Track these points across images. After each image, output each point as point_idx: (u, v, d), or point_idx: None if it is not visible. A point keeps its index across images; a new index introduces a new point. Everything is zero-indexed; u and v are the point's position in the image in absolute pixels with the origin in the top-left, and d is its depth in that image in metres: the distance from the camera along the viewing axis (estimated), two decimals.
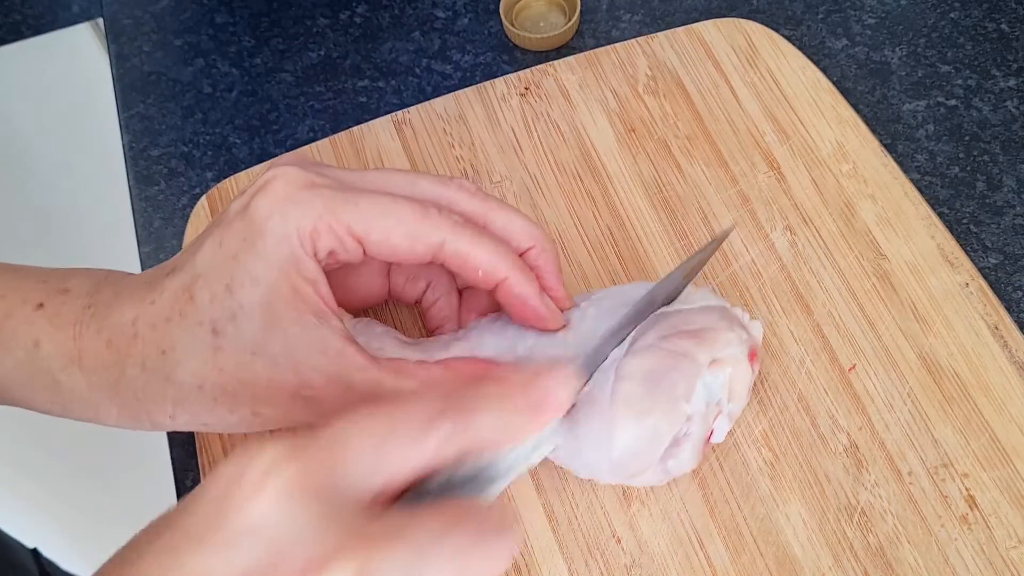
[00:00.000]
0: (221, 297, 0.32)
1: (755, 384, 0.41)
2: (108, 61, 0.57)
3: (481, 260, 0.34)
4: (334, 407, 0.33)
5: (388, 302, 0.43)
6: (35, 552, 0.61)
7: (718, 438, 0.38)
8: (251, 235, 0.32)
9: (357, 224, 0.32)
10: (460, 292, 0.41)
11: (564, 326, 0.37)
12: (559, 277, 0.38)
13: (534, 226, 0.37)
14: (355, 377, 0.33)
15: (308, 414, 0.34)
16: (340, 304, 0.36)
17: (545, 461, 0.40)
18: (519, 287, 0.35)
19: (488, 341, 0.38)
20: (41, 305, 0.34)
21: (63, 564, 0.66)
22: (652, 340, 0.37)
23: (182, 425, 0.34)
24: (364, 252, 0.34)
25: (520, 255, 0.36)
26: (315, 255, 0.33)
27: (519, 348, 0.38)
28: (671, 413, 0.36)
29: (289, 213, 0.32)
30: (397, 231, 0.33)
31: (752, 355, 0.38)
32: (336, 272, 0.36)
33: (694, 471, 0.39)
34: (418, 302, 0.41)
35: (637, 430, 0.35)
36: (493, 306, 0.39)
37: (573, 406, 0.36)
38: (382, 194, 0.33)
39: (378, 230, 0.33)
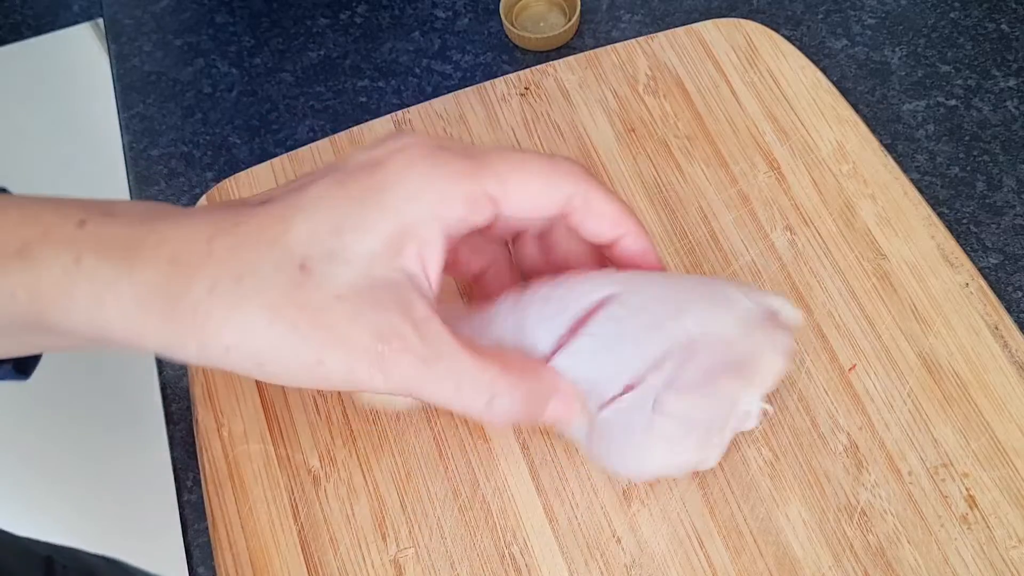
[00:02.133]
0: (323, 235, 0.30)
1: None
2: (108, 61, 0.57)
3: (608, 210, 0.35)
4: (402, 371, 0.31)
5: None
6: (48, 560, 0.59)
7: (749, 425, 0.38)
8: (380, 185, 0.31)
9: (495, 185, 0.32)
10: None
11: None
12: (657, 254, 0.38)
13: (636, 220, 0.37)
14: (434, 347, 0.31)
15: (374, 373, 0.31)
16: None
17: (545, 460, 0.40)
18: (641, 240, 0.36)
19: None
20: (84, 222, 0.30)
21: None
22: (695, 375, 0.36)
23: (234, 360, 0.31)
24: (495, 216, 0.33)
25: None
26: (442, 221, 0.31)
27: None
28: (704, 447, 0.37)
29: (427, 172, 0.31)
30: (533, 184, 0.33)
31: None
32: None
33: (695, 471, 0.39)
34: (477, 275, 0.40)
35: (669, 460, 0.37)
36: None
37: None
38: (509, 149, 0.34)
39: (514, 185, 0.33)
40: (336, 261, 0.30)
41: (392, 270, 0.31)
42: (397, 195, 0.31)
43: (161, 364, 0.47)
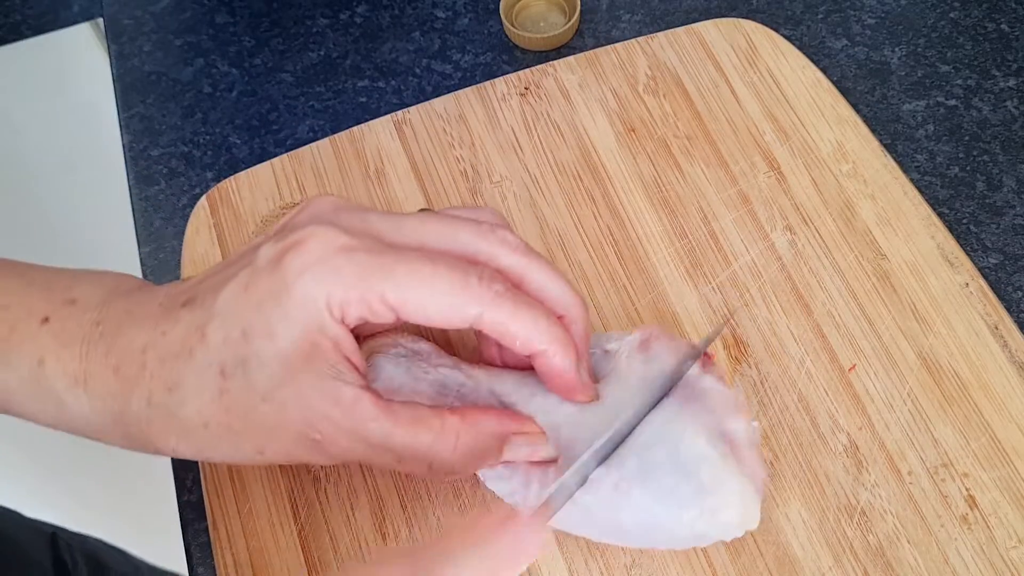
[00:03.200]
0: (235, 342, 0.32)
1: (755, 384, 0.41)
2: (108, 61, 0.57)
3: (520, 333, 0.34)
4: (341, 451, 0.33)
5: None
6: (53, 536, 0.61)
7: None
8: (278, 290, 0.32)
9: (392, 294, 0.32)
10: None
11: (596, 399, 0.36)
12: (587, 349, 0.37)
13: (570, 292, 0.35)
14: (367, 427, 0.33)
15: (313, 455, 0.33)
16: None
17: None
18: (557, 359, 0.34)
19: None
20: (47, 319, 0.34)
21: None
22: (705, 450, 0.36)
23: (183, 455, 0.34)
24: (397, 318, 0.33)
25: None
26: (342, 321, 0.32)
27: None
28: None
29: (321, 277, 0.31)
30: (434, 303, 0.32)
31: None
32: None
33: None
34: None
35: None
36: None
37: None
38: (420, 258, 0.32)
39: (414, 301, 0.32)
40: (251, 366, 0.32)
41: (309, 365, 0.32)
42: (294, 302, 0.32)
43: None
